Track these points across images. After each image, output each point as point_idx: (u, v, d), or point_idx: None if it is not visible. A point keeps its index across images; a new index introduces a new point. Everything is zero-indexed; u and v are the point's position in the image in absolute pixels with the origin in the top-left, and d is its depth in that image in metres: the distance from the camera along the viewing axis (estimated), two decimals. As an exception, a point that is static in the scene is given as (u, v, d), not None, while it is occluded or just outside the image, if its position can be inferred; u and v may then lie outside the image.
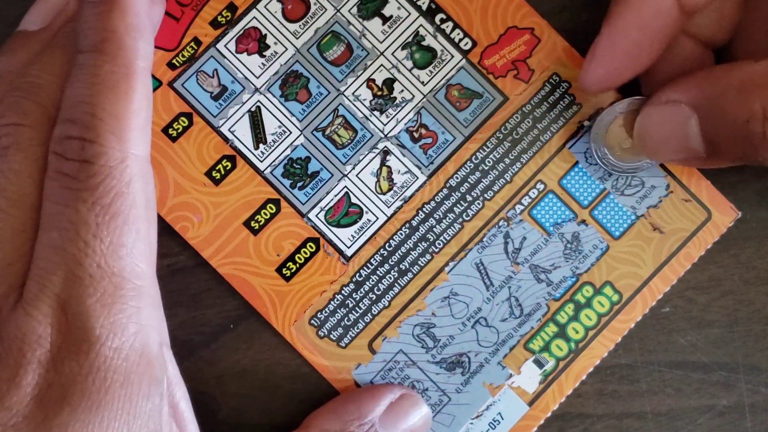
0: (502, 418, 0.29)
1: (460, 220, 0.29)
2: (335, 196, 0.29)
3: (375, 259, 0.29)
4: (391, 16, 0.29)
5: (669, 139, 0.26)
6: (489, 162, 0.29)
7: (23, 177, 0.24)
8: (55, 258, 0.23)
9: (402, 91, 0.29)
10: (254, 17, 0.29)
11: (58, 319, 0.22)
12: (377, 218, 0.29)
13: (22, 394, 0.22)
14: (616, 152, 0.28)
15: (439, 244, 0.29)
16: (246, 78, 0.29)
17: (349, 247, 0.29)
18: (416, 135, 0.29)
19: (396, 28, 0.29)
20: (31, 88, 0.25)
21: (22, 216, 0.24)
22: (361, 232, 0.29)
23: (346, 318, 0.29)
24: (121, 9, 0.24)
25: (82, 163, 0.23)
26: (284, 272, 0.29)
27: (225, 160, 0.29)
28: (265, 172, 0.29)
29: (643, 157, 0.28)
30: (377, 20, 0.29)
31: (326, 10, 0.29)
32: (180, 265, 0.29)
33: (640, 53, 0.26)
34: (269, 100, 0.29)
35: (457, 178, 0.29)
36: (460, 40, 0.29)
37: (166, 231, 0.28)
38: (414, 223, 0.29)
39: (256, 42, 0.29)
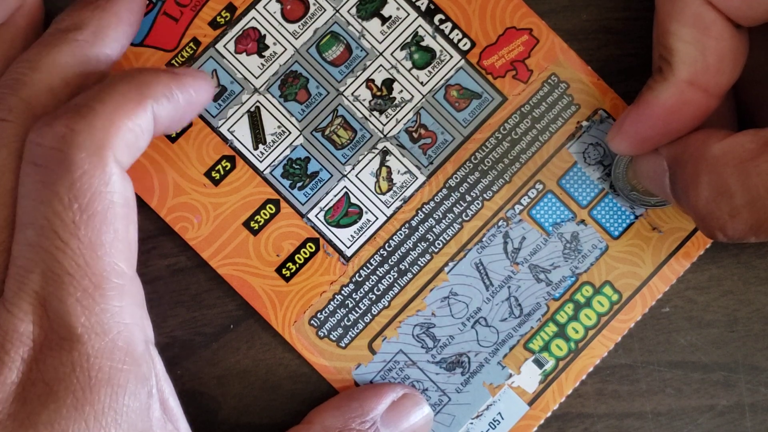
0: (502, 418, 0.29)
1: (460, 220, 0.29)
2: (335, 196, 0.29)
3: (374, 259, 0.29)
4: (390, 17, 0.29)
5: (655, 183, 0.27)
6: (488, 162, 0.29)
7: (6, 173, 0.23)
8: (33, 256, 0.22)
9: (401, 91, 0.29)
10: (253, 17, 0.29)
11: (40, 317, 0.22)
12: (377, 218, 0.29)
13: (7, 392, 0.22)
14: (640, 189, 0.29)
15: (439, 244, 0.29)
16: (245, 78, 0.29)
17: (348, 248, 0.29)
18: (415, 135, 0.29)
19: (395, 28, 0.29)
20: (15, 84, 0.24)
21: (5, 212, 0.23)
22: (361, 233, 0.29)
23: (346, 318, 0.29)
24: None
25: (60, 156, 0.22)
26: (284, 273, 0.29)
27: (224, 161, 0.29)
28: (264, 172, 0.29)
29: None
30: (376, 20, 0.29)
31: (325, 10, 0.29)
32: (180, 265, 0.29)
33: (665, 137, 0.27)
34: (268, 100, 0.29)
35: (456, 178, 0.29)
36: (459, 40, 0.29)
37: (165, 231, 0.29)
38: (413, 223, 0.29)
39: (255, 42, 0.29)
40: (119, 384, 0.22)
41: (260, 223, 0.29)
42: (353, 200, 0.29)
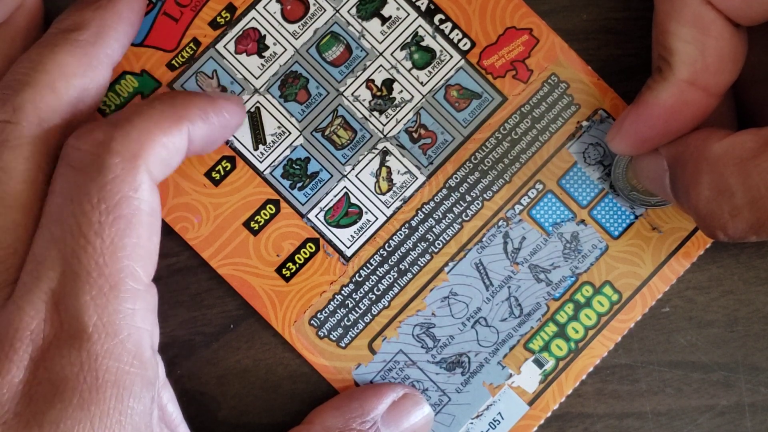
0: (502, 418, 0.29)
1: (460, 220, 0.29)
2: (335, 196, 0.29)
3: (374, 259, 0.29)
4: (390, 17, 0.29)
5: (655, 183, 0.27)
6: (488, 162, 0.29)
7: (14, 175, 0.24)
8: (54, 252, 0.23)
9: (401, 91, 0.29)
10: (253, 18, 0.29)
11: (51, 315, 0.22)
12: (377, 218, 0.29)
13: (13, 390, 0.22)
14: (640, 189, 0.29)
15: (439, 244, 0.29)
16: (245, 79, 0.29)
17: (348, 248, 0.29)
18: (415, 135, 0.29)
19: (395, 28, 0.29)
20: (18, 85, 0.24)
21: (13, 214, 0.24)
22: (361, 233, 0.29)
23: (346, 318, 0.29)
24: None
25: (95, 159, 0.23)
26: (284, 273, 0.29)
27: (224, 161, 0.29)
28: (264, 172, 0.29)
29: None
30: (376, 21, 0.29)
31: (325, 10, 0.29)
32: (180, 265, 0.29)
33: (665, 137, 0.27)
34: (268, 100, 0.29)
35: (456, 178, 0.29)
36: (459, 40, 0.29)
37: (165, 231, 0.28)
38: (413, 223, 0.29)
39: (255, 42, 0.29)
40: (125, 386, 0.23)
41: (260, 223, 0.29)
42: (353, 200, 0.29)
